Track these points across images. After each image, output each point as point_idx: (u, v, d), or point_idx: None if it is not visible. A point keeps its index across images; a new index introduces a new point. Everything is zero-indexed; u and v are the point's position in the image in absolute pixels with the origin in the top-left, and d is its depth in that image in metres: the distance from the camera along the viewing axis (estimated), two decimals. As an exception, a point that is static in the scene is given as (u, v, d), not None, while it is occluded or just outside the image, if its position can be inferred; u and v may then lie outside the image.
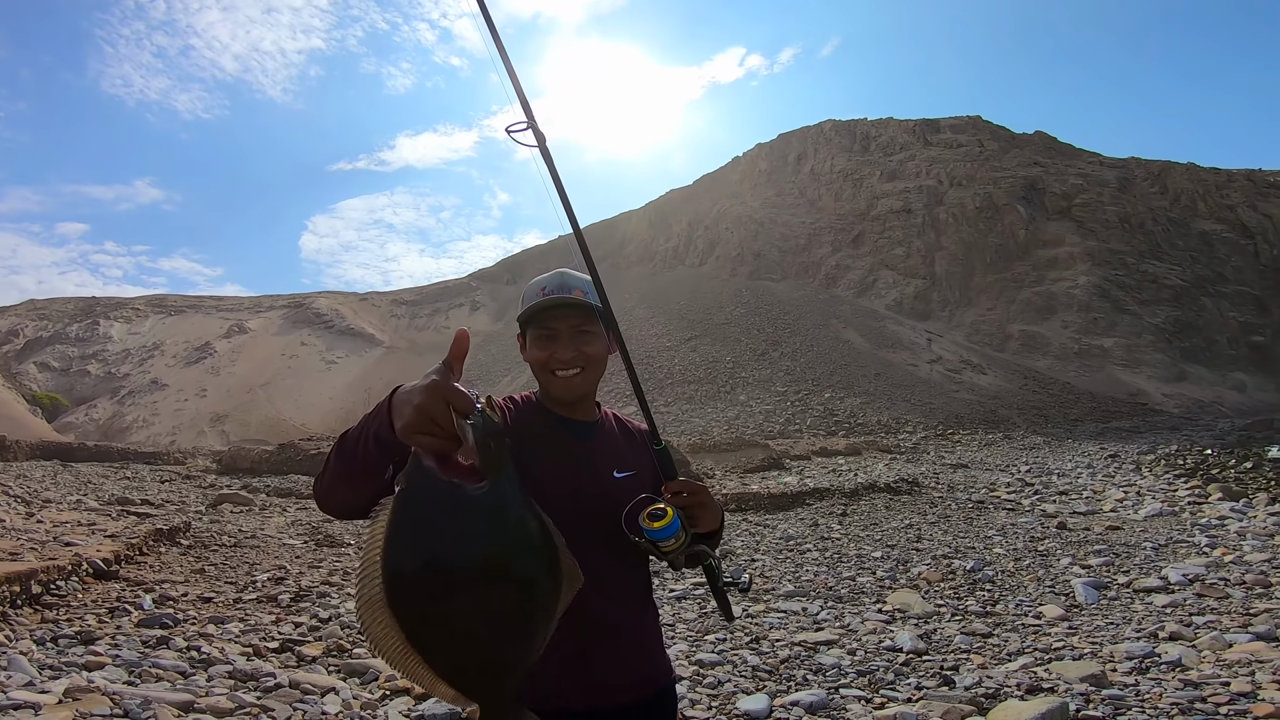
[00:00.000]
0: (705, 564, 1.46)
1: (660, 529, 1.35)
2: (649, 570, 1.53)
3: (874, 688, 3.88)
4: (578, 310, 1.43)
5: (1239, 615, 4.58)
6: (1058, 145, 55.97)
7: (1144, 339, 39.25)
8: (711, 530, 1.44)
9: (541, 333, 1.44)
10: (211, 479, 15.19)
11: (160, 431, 38.58)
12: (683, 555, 1.39)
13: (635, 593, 1.46)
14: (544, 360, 1.43)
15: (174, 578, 5.51)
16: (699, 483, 1.42)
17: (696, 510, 1.40)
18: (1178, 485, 11.85)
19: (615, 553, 1.40)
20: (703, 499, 1.41)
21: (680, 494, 1.40)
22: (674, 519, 1.35)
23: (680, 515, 1.36)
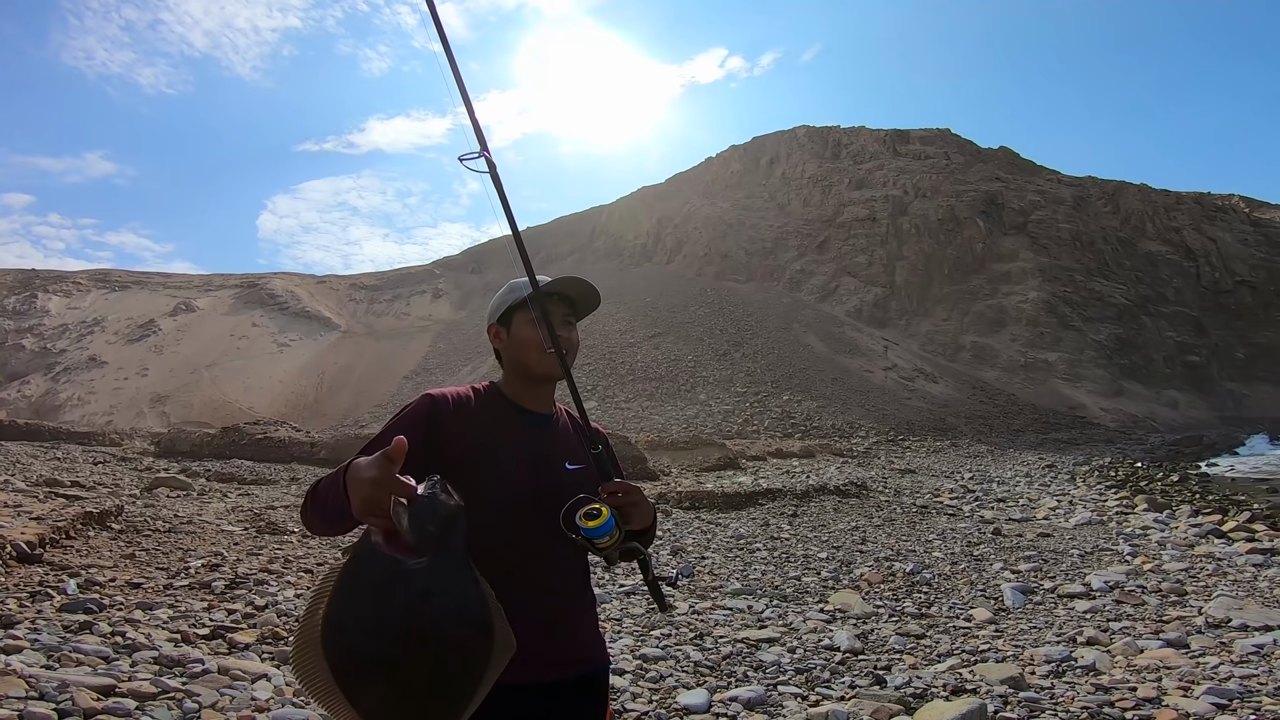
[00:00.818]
0: (639, 559, 1.56)
1: (595, 528, 1.44)
2: (589, 557, 1.62)
3: (810, 685, 3.98)
4: (568, 303, 1.62)
5: (1152, 622, 4.83)
6: (1020, 161, 57.83)
7: (1086, 354, 40.92)
8: (643, 528, 1.55)
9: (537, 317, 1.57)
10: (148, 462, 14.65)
11: (96, 411, 36.96)
12: (616, 552, 1.49)
13: (577, 576, 1.57)
14: (536, 341, 1.55)
15: (102, 563, 5.31)
16: (633, 484, 1.53)
17: (629, 510, 1.50)
18: (1108, 496, 12.42)
19: (561, 539, 1.49)
20: (635, 499, 1.51)
21: (615, 494, 1.50)
22: (608, 518, 1.44)
23: (615, 514, 1.46)
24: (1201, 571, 6.28)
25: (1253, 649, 4.05)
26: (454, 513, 1.08)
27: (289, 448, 17.01)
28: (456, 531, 1.09)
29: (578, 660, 1.51)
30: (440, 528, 1.06)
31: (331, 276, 61.29)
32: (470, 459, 1.47)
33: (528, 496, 1.49)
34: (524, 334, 1.57)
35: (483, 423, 1.52)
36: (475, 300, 52.38)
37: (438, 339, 46.31)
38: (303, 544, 7.00)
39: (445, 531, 1.07)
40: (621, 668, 4.18)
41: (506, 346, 1.61)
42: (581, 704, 1.50)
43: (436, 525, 1.05)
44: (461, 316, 50.46)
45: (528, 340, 1.57)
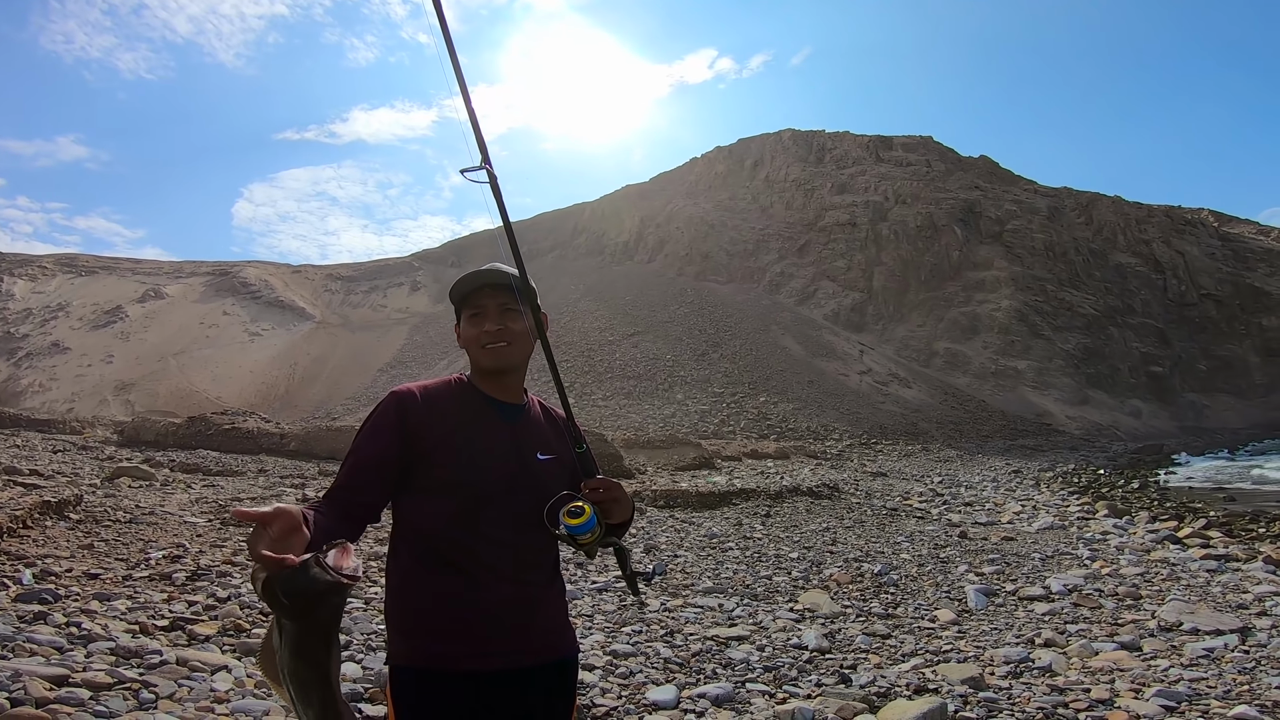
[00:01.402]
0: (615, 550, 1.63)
1: (579, 525, 1.50)
2: (559, 547, 1.65)
3: (778, 683, 4.03)
4: (504, 291, 1.58)
5: (1108, 625, 4.96)
6: (999, 171, 58.82)
7: (1054, 363, 41.82)
8: (622, 521, 1.62)
9: (472, 312, 1.60)
10: (110, 451, 14.28)
11: (58, 398, 35.91)
12: (596, 546, 1.54)
13: (546, 566, 1.59)
14: (475, 336, 1.58)
15: (59, 553, 5.18)
16: (613, 480, 1.58)
17: (610, 505, 1.56)
18: (1070, 501, 12.73)
19: (532, 528, 1.53)
20: (616, 494, 1.57)
21: (597, 490, 1.55)
22: (590, 516, 1.50)
23: (596, 511, 1.51)
24: (1156, 576, 6.47)
25: (1203, 652, 4.18)
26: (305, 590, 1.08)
27: (258, 439, 16.70)
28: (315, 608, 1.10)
29: (544, 649, 1.52)
30: (293, 601, 1.08)
31: (307, 266, 60.25)
32: (441, 451, 1.48)
33: (499, 487, 1.50)
34: (466, 331, 1.61)
35: (453, 415, 1.53)
36: (453, 294, 51.85)
37: (414, 332, 45.80)
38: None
39: (300, 605, 1.09)
40: (592, 663, 4.19)
41: (463, 344, 1.63)
42: (548, 692, 1.52)
43: (290, 598, 1.08)
44: (439, 310, 49.93)
45: (467, 336, 1.60)
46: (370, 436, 1.50)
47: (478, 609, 1.45)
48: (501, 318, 1.58)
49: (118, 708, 2.86)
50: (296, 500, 9.52)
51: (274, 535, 1.15)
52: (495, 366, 1.58)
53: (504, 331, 1.57)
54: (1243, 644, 4.30)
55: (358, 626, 4.44)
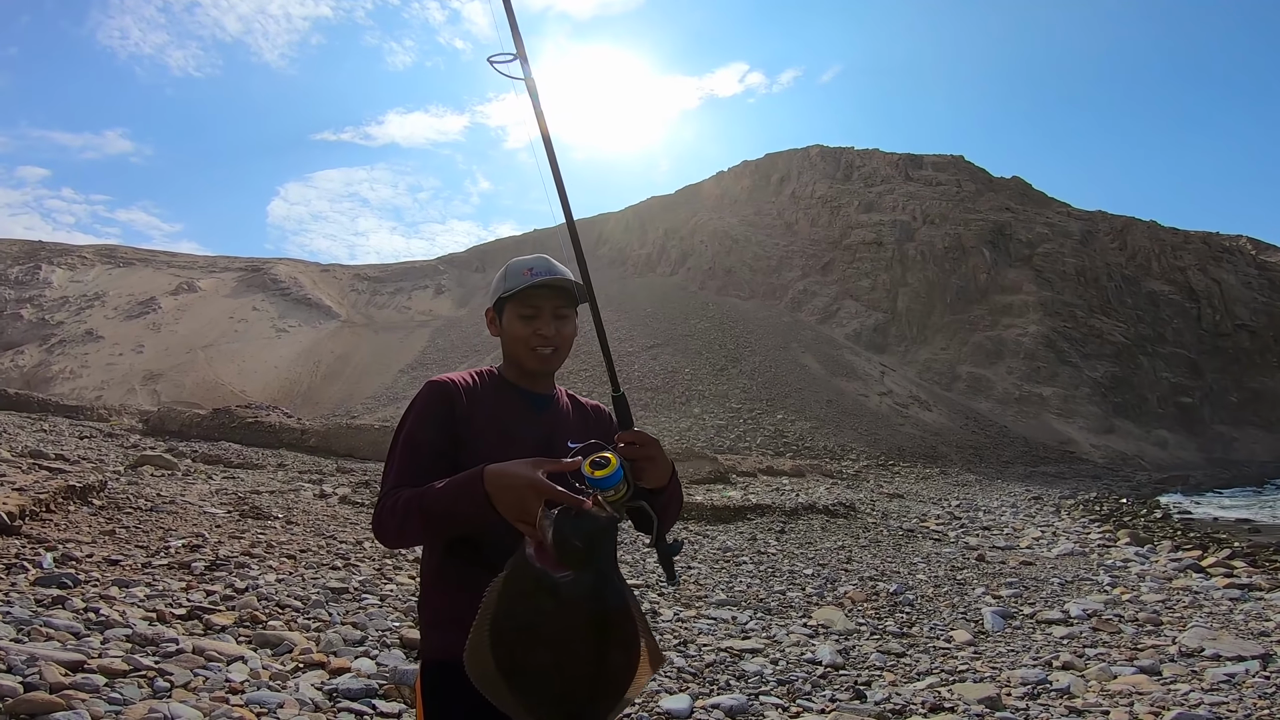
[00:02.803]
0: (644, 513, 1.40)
1: (602, 478, 1.32)
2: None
3: (791, 696, 3.99)
4: (561, 294, 1.55)
5: (1128, 649, 4.85)
6: (1031, 192, 58.12)
7: (1081, 391, 41.02)
8: (659, 486, 1.43)
9: (525, 310, 1.54)
10: (135, 439, 14.59)
11: (87, 385, 36.78)
12: (623, 508, 1.37)
13: None
14: (526, 336, 1.54)
15: (80, 538, 5.27)
16: (651, 436, 1.42)
17: (644, 463, 1.40)
18: (1091, 529, 12.47)
19: None
20: (652, 452, 1.40)
21: (631, 444, 1.39)
22: (617, 468, 1.33)
23: (625, 466, 1.35)
24: (1178, 603, 6.32)
25: (1224, 678, 4.09)
26: (600, 529, 1.12)
27: (279, 433, 16.96)
28: (602, 547, 1.13)
29: None
30: (586, 543, 1.10)
31: (336, 266, 61.28)
32: (478, 443, 1.47)
33: None
34: (514, 329, 1.55)
35: (488, 406, 1.52)
36: (477, 299, 52.38)
37: (436, 335, 46.25)
38: (286, 530, 6.99)
39: (591, 547, 1.11)
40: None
41: (501, 334, 1.59)
42: None
43: (582, 540, 1.10)
44: (462, 314, 50.45)
45: (517, 336, 1.55)
46: (423, 424, 1.47)
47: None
48: (556, 323, 1.55)
49: (132, 695, 2.88)
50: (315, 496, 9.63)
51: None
52: (540, 370, 1.57)
53: (556, 337, 1.56)
54: (1264, 670, 4.20)
55: (373, 623, 4.46)
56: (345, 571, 5.69)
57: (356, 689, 3.38)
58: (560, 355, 1.58)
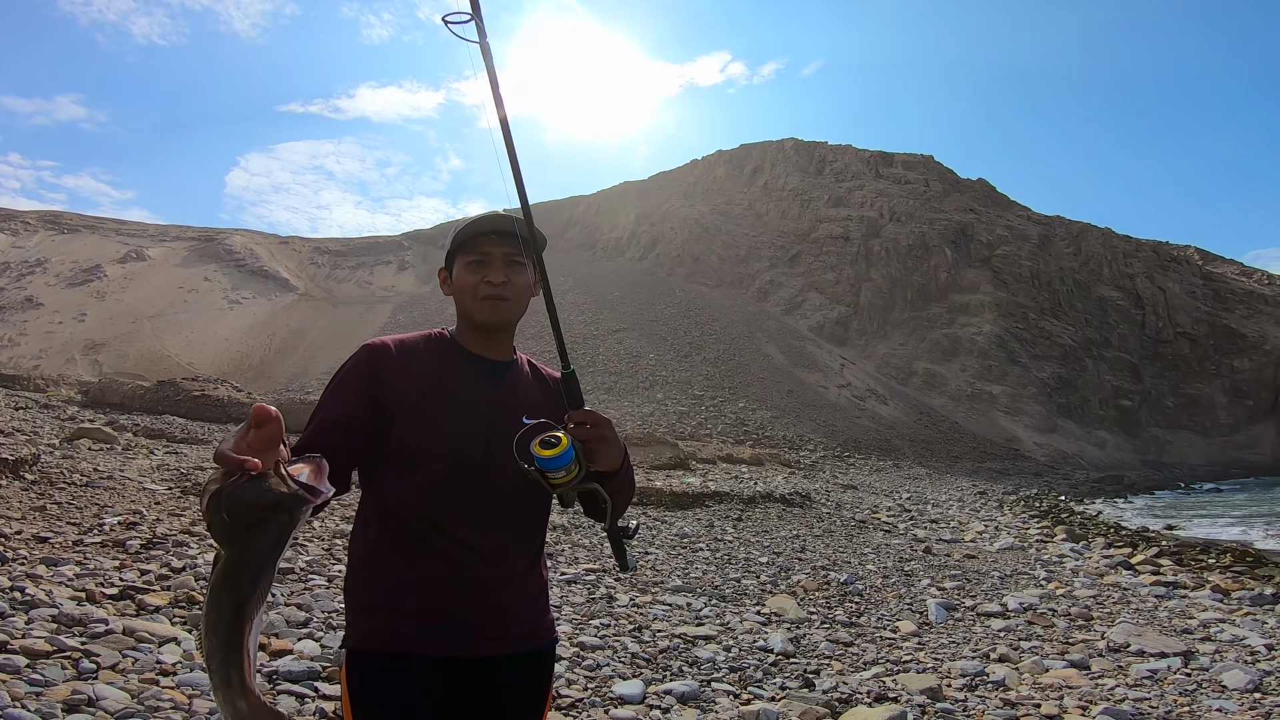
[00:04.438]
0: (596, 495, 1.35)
1: (551, 458, 1.25)
2: (545, 523, 1.48)
3: (743, 684, 4.05)
4: (511, 240, 1.41)
5: (1059, 644, 5.07)
6: (995, 195, 59.53)
7: (1028, 390, 42.51)
8: (610, 470, 1.35)
9: (474, 259, 1.42)
10: (73, 411, 13.94)
11: (25, 354, 35.00)
12: (574, 491, 1.31)
13: (526, 545, 1.42)
14: (473, 285, 1.41)
15: (9, 513, 5.02)
16: (603, 415, 1.33)
17: (596, 444, 1.31)
18: (1030, 524, 12.98)
19: (514, 501, 1.38)
20: (605, 433, 1.32)
21: (582, 425, 1.31)
22: (567, 448, 1.25)
23: (577, 447, 1.28)
24: (1108, 599, 6.62)
25: (1147, 673, 4.30)
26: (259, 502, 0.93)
27: (227, 407, 16.43)
28: (258, 526, 0.94)
29: (520, 636, 1.39)
30: (232, 516, 0.93)
31: (295, 238, 59.37)
32: (414, 409, 1.34)
33: (477, 453, 1.35)
34: (462, 279, 1.43)
35: (430, 371, 1.38)
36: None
37: (398, 310, 45.36)
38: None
39: (236, 522, 0.93)
40: (559, 654, 4.17)
41: (452, 292, 1.46)
42: (521, 682, 1.40)
43: (229, 512, 0.93)
44: (425, 291, 49.47)
45: (464, 285, 1.42)
46: (336, 393, 1.35)
47: (449, 589, 1.32)
48: (506, 269, 1.41)
49: (54, 676, 2.78)
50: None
51: (251, 441, 0.97)
52: (491, 321, 1.42)
53: (507, 285, 1.41)
54: (1185, 667, 4.42)
55: (319, 604, 4.36)
56: (292, 551, 5.54)
57: (298, 671, 3.31)
58: (515, 307, 1.43)
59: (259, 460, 0.94)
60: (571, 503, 1.35)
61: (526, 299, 1.46)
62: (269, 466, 0.95)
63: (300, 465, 1.01)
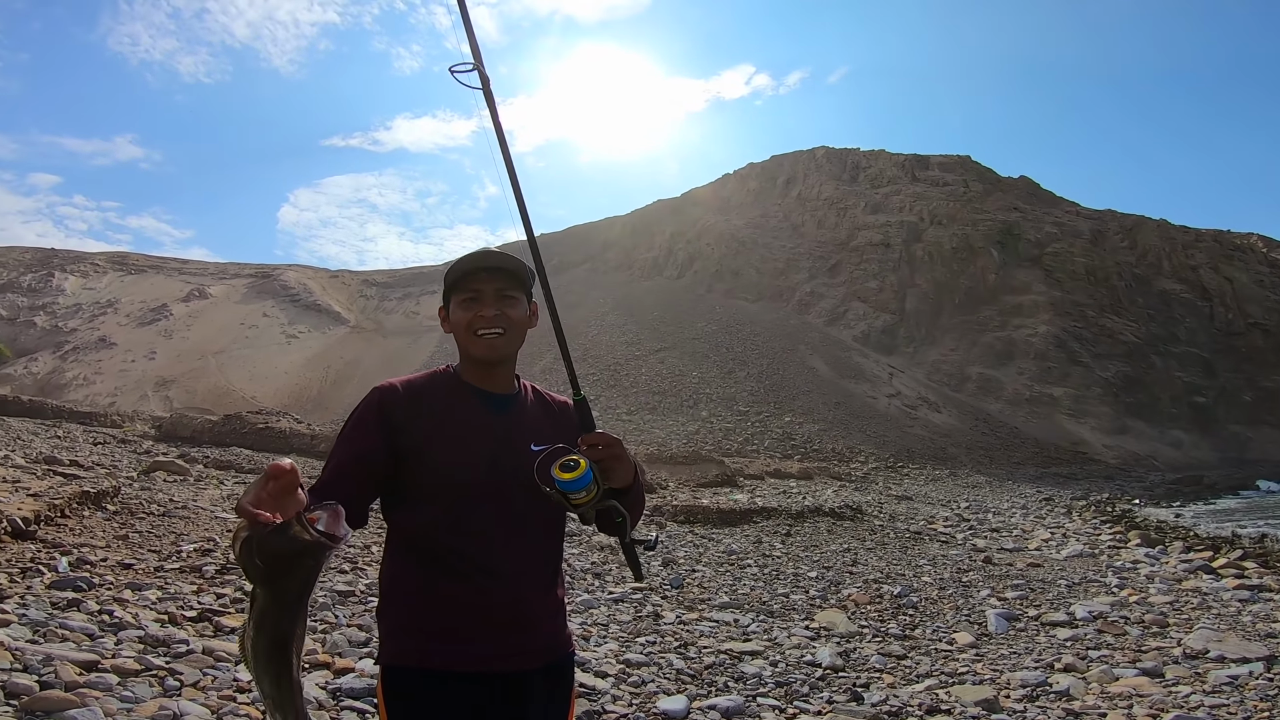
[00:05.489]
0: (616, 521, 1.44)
1: (571, 480, 1.34)
2: (560, 543, 1.56)
3: (789, 698, 4.02)
4: (502, 275, 1.47)
5: (1131, 651, 4.84)
6: (1040, 192, 57.75)
7: (1093, 391, 40.70)
8: (624, 486, 1.44)
9: (466, 296, 1.48)
10: (148, 445, 14.73)
11: (101, 392, 37.22)
12: (593, 509, 1.40)
13: (541, 565, 1.48)
14: (467, 321, 1.46)
15: (95, 542, 5.33)
16: (614, 436, 1.43)
17: (611, 463, 1.41)
18: (1102, 530, 12.39)
19: (528, 525, 1.45)
20: (617, 452, 1.42)
21: (596, 446, 1.40)
22: (586, 471, 1.35)
23: (593, 468, 1.37)
24: (1186, 605, 6.28)
25: (1227, 680, 4.08)
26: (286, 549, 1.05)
27: (289, 439, 17.12)
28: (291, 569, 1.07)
29: (541, 652, 1.45)
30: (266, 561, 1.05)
31: (344, 271, 61.84)
32: (423, 447, 1.42)
33: (488, 484, 1.42)
34: (457, 316, 1.49)
35: (436, 409, 1.45)
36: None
37: (444, 339, 46.46)
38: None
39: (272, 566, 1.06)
40: (605, 671, 4.23)
41: (450, 329, 1.53)
42: (546, 692, 1.46)
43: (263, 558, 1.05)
44: (469, 319, 50.59)
45: (459, 322, 1.48)
46: (350, 436, 1.44)
47: (470, 610, 1.39)
48: (498, 304, 1.47)
49: (143, 693, 2.93)
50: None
51: (270, 491, 1.08)
52: (487, 356, 1.47)
53: (499, 318, 1.46)
54: (1268, 672, 4.18)
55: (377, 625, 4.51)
56: (352, 575, 5.76)
57: (360, 688, 3.45)
58: (509, 340, 1.47)
59: (278, 513, 1.07)
60: (590, 520, 1.44)
61: (522, 331, 1.50)
62: (290, 516, 1.07)
63: (319, 512, 1.11)
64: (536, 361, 28.40)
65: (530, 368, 26.05)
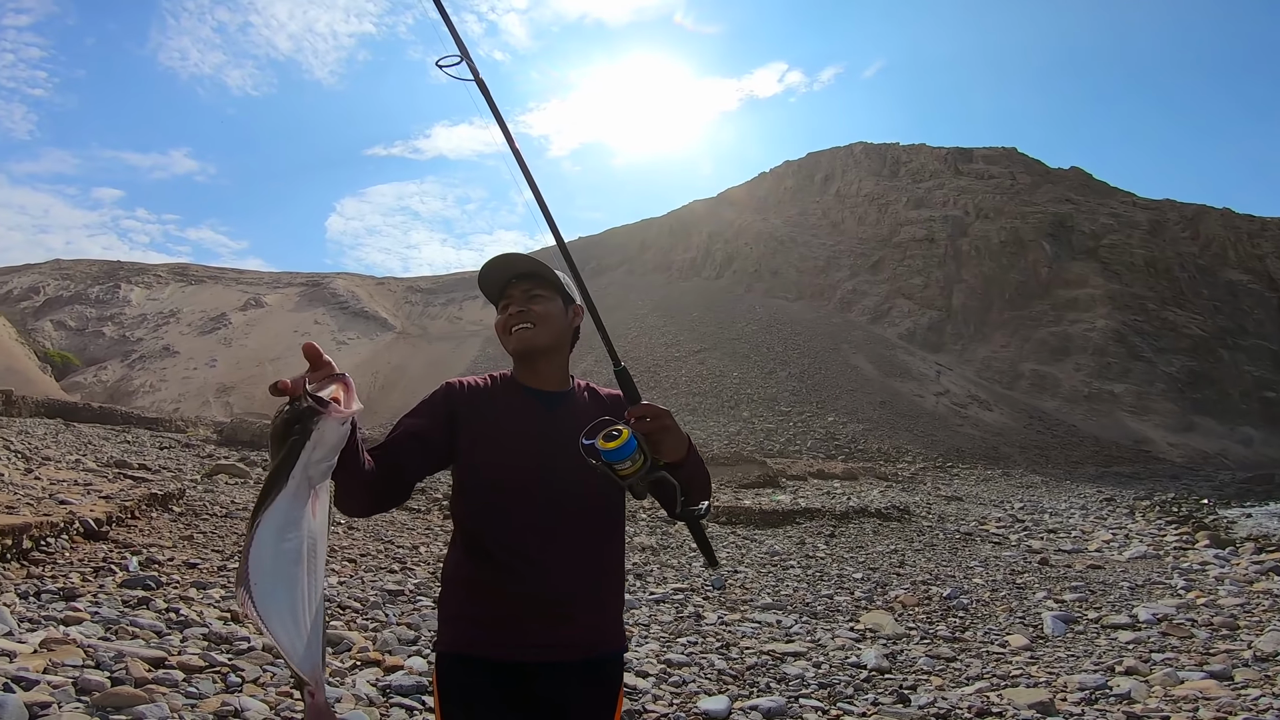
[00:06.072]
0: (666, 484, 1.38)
1: (614, 450, 1.30)
2: (619, 540, 1.57)
3: (832, 700, 3.95)
4: (528, 279, 1.58)
5: (1198, 654, 4.60)
6: (1092, 183, 55.56)
7: (1156, 387, 38.86)
8: (677, 460, 1.40)
9: (502, 303, 1.60)
10: (210, 449, 15.37)
11: (166, 398, 39.04)
12: (643, 482, 1.35)
13: (594, 558, 1.50)
14: (502, 324, 1.57)
15: (162, 542, 5.57)
16: (662, 407, 1.39)
17: (659, 435, 1.37)
18: (1167, 531, 11.82)
19: (577, 518, 1.48)
20: (666, 423, 1.37)
21: (643, 418, 1.36)
22: (629, 439, 1.31)
23: (639, 439, 1.33)
24: (1257, 607, 5.94)
25: (1300, 683, 3.84)
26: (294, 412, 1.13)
27: (341, 443, 17.58)
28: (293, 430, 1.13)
29: (583, 644, 1.47)
30: (279, 421, 1.14)
31: (390, 278, 63.51)
32: (478, 441, 1.49)
33: (534, 476, 1.46)
34: (497, 323, 1.61)
35: (492, 406, 1.53)
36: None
37: (487, 344, 47.27)
38: (348, 535, 7.29)
39: (284, 426, 1.14)
40: (645, 671, 4.23)
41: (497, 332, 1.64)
42: (587, 686, 1.47)
43: (279, 420, 1.15)
44: (511, 324, 51.30)
45: (497, 326, 1.61)
46: (415, 413, 1.53)
47: (516, 600, 1.43)
48: (526, 302, 1.55)
49: (207, 689, 3.05)
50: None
51: (309, 378, 1.22)
52: (520, 349, 1.54)
53: (526, 313, 1.54)
54: (1346, 676, 3.92)
55: (426, 623, 4.61)
56: (402, 575, 5.91)
57: (408, 685, 3.53)
58: (539, 333, 1.53)
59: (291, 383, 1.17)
60: (643, 494, 1.40)
61: (554, 326, 1.56)
62: (298, 390, 1.16)
63: (331, 386, 1.20)
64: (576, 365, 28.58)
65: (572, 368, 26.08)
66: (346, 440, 1.23)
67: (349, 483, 1.32)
